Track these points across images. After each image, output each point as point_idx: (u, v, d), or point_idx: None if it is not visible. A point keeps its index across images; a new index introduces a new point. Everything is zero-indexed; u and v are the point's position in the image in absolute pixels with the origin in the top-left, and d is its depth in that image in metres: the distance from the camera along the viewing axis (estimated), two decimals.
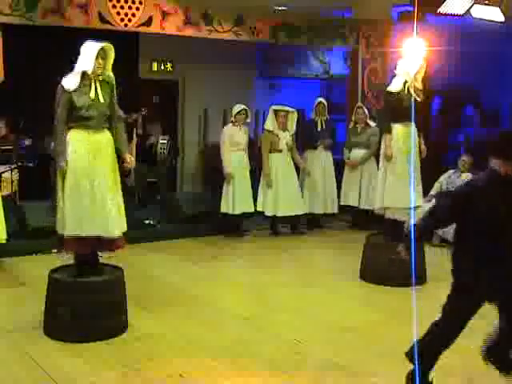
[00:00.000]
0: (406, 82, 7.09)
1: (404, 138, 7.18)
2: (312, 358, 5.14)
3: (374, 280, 7.15)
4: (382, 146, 7.41)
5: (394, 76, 7.27)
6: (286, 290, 6.97)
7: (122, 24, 8.26)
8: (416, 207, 7.35)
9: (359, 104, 9.95)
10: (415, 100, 7.03)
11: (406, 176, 7.14)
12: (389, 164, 7.31)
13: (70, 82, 5.30)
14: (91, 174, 5.30)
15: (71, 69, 5.31)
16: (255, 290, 7.01)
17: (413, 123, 7.09)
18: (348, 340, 5.56)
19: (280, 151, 9.26)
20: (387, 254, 7.12)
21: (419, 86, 7.17)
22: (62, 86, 5.30)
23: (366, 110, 9.72)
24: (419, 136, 7.33)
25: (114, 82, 5.48)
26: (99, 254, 5.59)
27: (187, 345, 5.33)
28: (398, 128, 7.22)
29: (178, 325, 5.79)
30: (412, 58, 7.09)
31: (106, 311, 5.37)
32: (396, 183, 7.23)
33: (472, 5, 8.43)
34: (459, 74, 12.07)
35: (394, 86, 7.18)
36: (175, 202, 9.89)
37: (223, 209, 9.12)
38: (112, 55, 5.35)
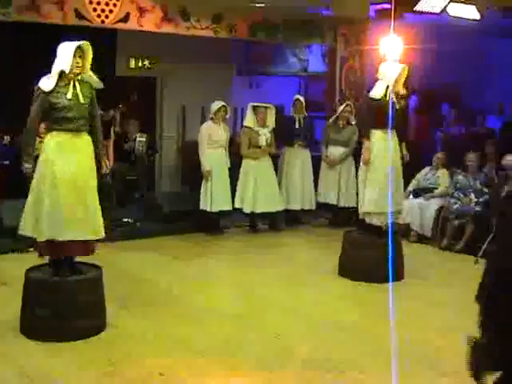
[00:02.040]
0: (387, 87, 7.10)
1: (383, 144, 7.20)
2: (298, 355, 5.15)
3: (353, 277, 7.17)
4: (362, 151, 7.45)
5: (377, 80, 7.28)
6: (269, 288, 6.97)
7: (99, 20, 8.20)
8: (397, 212, 7.44)
9: (348, 102, 9.91)
10: (396, 106, 7.04)
11: (385, 182, 7.17)
12: (368, 169, 7.34)
13: (47, 82, 5.24)
14: (69, 176, 5.26)
15: (50, 66, 5.26)
16: (239, 288, 7.00)
17: (391, 130, 7.11)
18: (333, 337, 5.58)
19: (259, 147, 9.26)
20: (365, 251, 7.19)
21: (401, 90, 7.17)
22: (39, 87, 5.25)
23: (353, 109, 9.70)
24: (401, 143, 7.36)
25: (96, 82, 5.44)
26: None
27: (169, 343, 5.31)
28: (377, 134, 7.24)
29: (160, 323, 5.76)
30: (393, 62, 7.11)
31: (85, 310, 5.33)
32: (375, 189, 7.26)
33: (448, 3, 8.49)
34: (436, 72, 12.16)
35: (376, 92, 7.17)
36: (154, 200, 9.84)
37: (202, 206, 9.11)
38: (90, 54, 5.30)
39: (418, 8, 8.26)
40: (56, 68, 5.24)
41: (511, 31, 7.71)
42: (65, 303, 5.27)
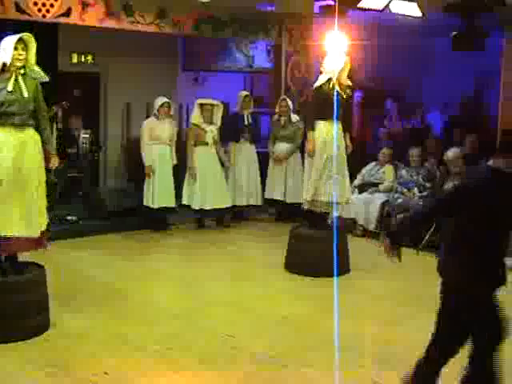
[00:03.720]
0: (330, 78, 7.20)
1: (327, 134, 7.28)
2: (245, 351, 5.16)
3: (299, 271, 7.22)
4: (306, 142, 7.52)
5: (321, 72, 7.37)
6: (217, 284, 6.97)
7: (40, 15, 8.03)
8: (343, 201, 7.52)
9: (283, 96, 10.02)
10: (340, 97, 7.14)
11: (329, 171, 7.25)
12: (312, 159, 7.42)
13: None
14: (16, 173, 5.14)
15: None
16: (185, 284, 6.98)
17: (336, 120, 7.20)
18: (280, 332, 5.61)
19: (206, 144, 9.24)
20: (311, 246, 7.25)
21: (345, 82, 7.28)
22: None
23: (289, 103, 9.79)
24: (345, 133, 7.46)
25: (42, 75, 5.33)
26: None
27: (115, 342, 5.26)
28: (321, 124, 7.33)
29: (106, 322, 5.70)
30: (336, 55, 7.19)
31: (28, 310, 5.23)
32: (319, 178, 7.33)
33: (391, 0, 8.60)
34: (379, 68, 12.33)
35: (319, 83, 7.29)
36: (98, 197, 9.72)
37: (145, 202, 9.04)
38: (33, 46, 5.19)
39: (361, 5, 8.33)
40: None
41: (451, 30, 7.88)
42: (7, 303, 5.15)
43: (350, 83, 7.32)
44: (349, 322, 5.53)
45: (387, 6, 8.40)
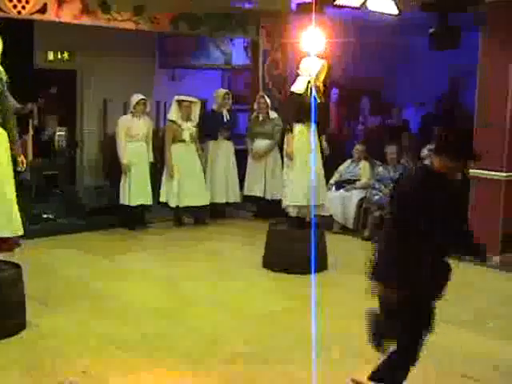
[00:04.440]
0: (309, 82, 7.21)
1: (305, 137, 7.31)
2: (226, 348, 5.17)
3: (277, 268, 7.24)
4: (285, 145, 7.56)
5: (297, 75, 7.38)
6: (194, 281, 6.97)
7: (15, 11, 7.95)
8: (320, 205, 7.57)
9: (261, 93, 10.02)
10: (317, 100, 7.16)
11: (307, 175, 7.28)
12: (290, 162, 7.45)
13: None
14: None
15: None
16: (164, 281, 6.97)
17: (313, 123, 7.22)
18: (260, 329, 5.63)
19: (184, 141, 9.21)
20: (289, 243, 7.28)
21: (320, 86, 7.29)
22: None
23: (267, 99, 9.80)
24: (321, 137, 7.50)
25: (3, 75, 5.25)
26: None
27: (95, 341, 5.24)
28: (299, 128, 7.35)
29: (85, 321, 5.67)
30: (314, 58, 7.21)
31: (5, 310, 5.18)
32: (297, 182, 7.36)
33: None
34: (356, 65, 12.38)
35: (298, 87, 7.28)
36: (75, 195, 9.66)
37: (122, 200, 9.00)
38: None
39: (338, 2, 8.35)
40: None
41: (427, 28, 7.94)
42: None
43: (322, 88, 7.32)
44: (326, 318, 5.55)
45: (364, 3, 8.42)
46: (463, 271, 7.56)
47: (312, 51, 7.24)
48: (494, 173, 7.75)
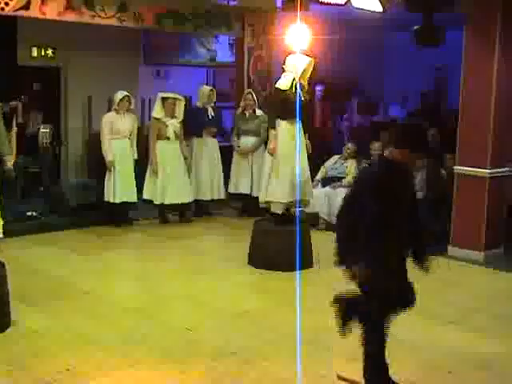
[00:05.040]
0: (294, 79, 7.20)
1: (289, 134, 7.31)
2: (205, 345, 5.17)
3: (262, 265, 7.24)
4: (268, 141, 7.57)
5: (283, 71, 7.37)
6: (177, 279, 6.95)
7: None
8: (305, 202, 7.58)
9: (248, 90, 10.00)
10: (302, 97, 7.16)
11: (291, 172, 7.28)
12: (274, 159, 7.45)
13: None
14: None
15: None
16: (146, 280, 6.94)
17: (297, 120, 7.23)
18: (239, 326, 5.62)
19: (168, 139, 9.19)
20: (275, 240, 7.28)
21: (305, 83, 7.30)
22: None
23: (254, 97, 9.78)
24: (305, 133, 7.50)
25: None
26: None
27: (76, 339, 5.21)
28: (283, 124, 7.35)
29: (66, 319, 5.65)
30: (300, 55, 7.21)
31: None
32: (280, 179, 7.35)
33: None
34: (341, 62, 12.40)
35: (283, 83, 7.27)
36: (60, 192, 9.61)
37: (106, 197, 8.96)
38: None
39: None
40: None
41: (410, 24, 7.95)
42: None
43: (306, 85, 7.33)
44: (310, 316, 5.57)
45: (349, 0, 8.44)
46: (448, 268, 7.66)
47: (298, 48, 7.24)
48: (478, 169, 7.79)
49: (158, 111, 9.21)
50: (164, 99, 9.20)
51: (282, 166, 7.35)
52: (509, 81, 7.79)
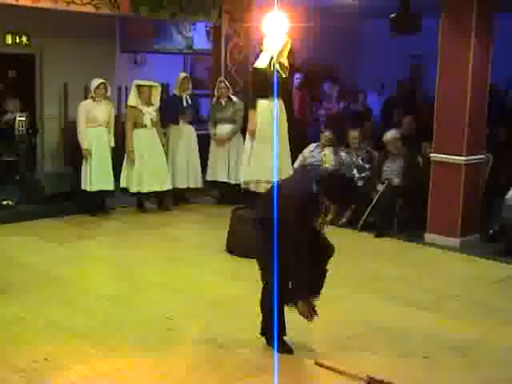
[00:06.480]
0: (271, 58, 7.22)
1: (268, 112, 7.32)
2: (182, 333, 5.18)
3: (240, 253, 7.23)
4: (248, 122, 7.56)
5: (261, 51, 7.38)
6: (154, 267, 6.93)
7: None
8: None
9: (221, 78, 9.98)
10: (280, 76, 7.17)
11: (270, 150, 7.28)
12: (253, 139, 7.45)
13: None
14: None
15: None
16: (122, 268, 6.92)
17: (276, 98, 7.23)
18: (217, 314, 5.63)
19: (145, 126, 9.13)
20: (252, 227, 7.25)
21: (285, 62, 7.31)
22: None
23: (227, 84, 9.77)
24: (287, 112, 7.50)
25: None
26: None
27: (53, 328, 5.19)
28: (262, 103, 7.37)
29: (43, 308, 5.62)
30: (277, 35, 7.20)
31: None
32: (260, 157, 7.37)
33: None
34: (318, 50, 12.39)
35: (260, 62, 7.30)
36: (35, 180, 9.54)
37: (82, 186, 8.90)
38: None
39: None
40: None
41: (385, 11, 7.96)
42: None
43: (287, 64, 7.35)
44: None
45: None
46: (423, 253, 7.72)
47: (275, 34, 7.24)
48: (454, 157, 7.84)
49: (133, 99, 9.15)
50: (139, 87, 9.14)
51: (262, 145, 7.35)
52: (484, 68, 7.83)
